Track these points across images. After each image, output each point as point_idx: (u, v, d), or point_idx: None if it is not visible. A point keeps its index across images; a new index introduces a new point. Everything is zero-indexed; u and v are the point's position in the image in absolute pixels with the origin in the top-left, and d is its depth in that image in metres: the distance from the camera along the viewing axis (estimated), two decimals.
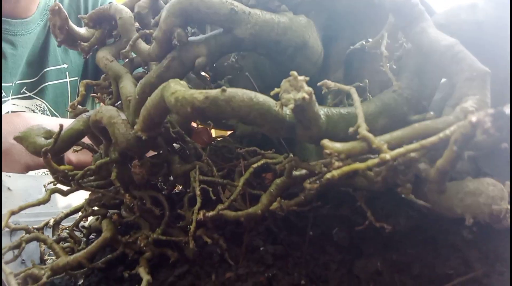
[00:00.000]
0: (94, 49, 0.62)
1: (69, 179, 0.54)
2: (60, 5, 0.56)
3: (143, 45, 0.54)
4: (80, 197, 0.63)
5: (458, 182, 0.37)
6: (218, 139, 0.68)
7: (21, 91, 1.26)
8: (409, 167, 0.34)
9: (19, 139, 0.55)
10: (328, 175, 0.33)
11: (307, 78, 0.34)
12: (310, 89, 0.34)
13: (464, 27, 0.40)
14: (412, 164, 0.33)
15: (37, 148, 0.54)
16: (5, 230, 0.57)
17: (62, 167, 0.53)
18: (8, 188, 0.73)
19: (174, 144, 0.59)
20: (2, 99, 1.20)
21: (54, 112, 1.29)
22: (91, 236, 0.63)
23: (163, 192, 0.59)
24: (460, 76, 0.34)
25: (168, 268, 0.53)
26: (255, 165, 0.48)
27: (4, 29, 1.17)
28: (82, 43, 0.60)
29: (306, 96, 0.33)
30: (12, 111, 1.23)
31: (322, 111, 0.39)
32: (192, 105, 0.36)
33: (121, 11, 0.55)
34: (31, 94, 1.27)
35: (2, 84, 1.19)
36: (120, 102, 0.56)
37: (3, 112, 1.21)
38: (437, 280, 0.42)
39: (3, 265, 0.43)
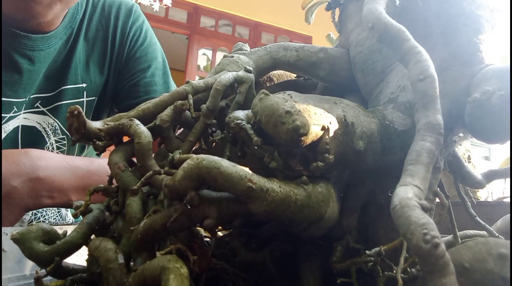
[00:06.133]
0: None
1: None
2: (80, 109, 0.53)
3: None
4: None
5: None
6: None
7: (35, 105, 1.22)
8: None
9: (16, 240, 0.54)
10: None
11: None
12: None
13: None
14: None
15: (33, 255, 0.53)
16: None
17: (52, 284, 0.52)
18: (4, 250, 0.72)
19: None
20: (13, 115, 1.17)
21: (66, 131, 1.26)
22: None
23: None
24: None
25: None
26: None
27: (23, 44, 1.13)
28: (98, 142, 0.59)
29: None
30: (22, 126, 1.20)
31: None
32: None
33: (140, 135, 0.52)
34: (44, 109, 1.23)
35: (14, 100, 1.16)
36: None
37: (12, 127, 1.18)
38: None
39: None
